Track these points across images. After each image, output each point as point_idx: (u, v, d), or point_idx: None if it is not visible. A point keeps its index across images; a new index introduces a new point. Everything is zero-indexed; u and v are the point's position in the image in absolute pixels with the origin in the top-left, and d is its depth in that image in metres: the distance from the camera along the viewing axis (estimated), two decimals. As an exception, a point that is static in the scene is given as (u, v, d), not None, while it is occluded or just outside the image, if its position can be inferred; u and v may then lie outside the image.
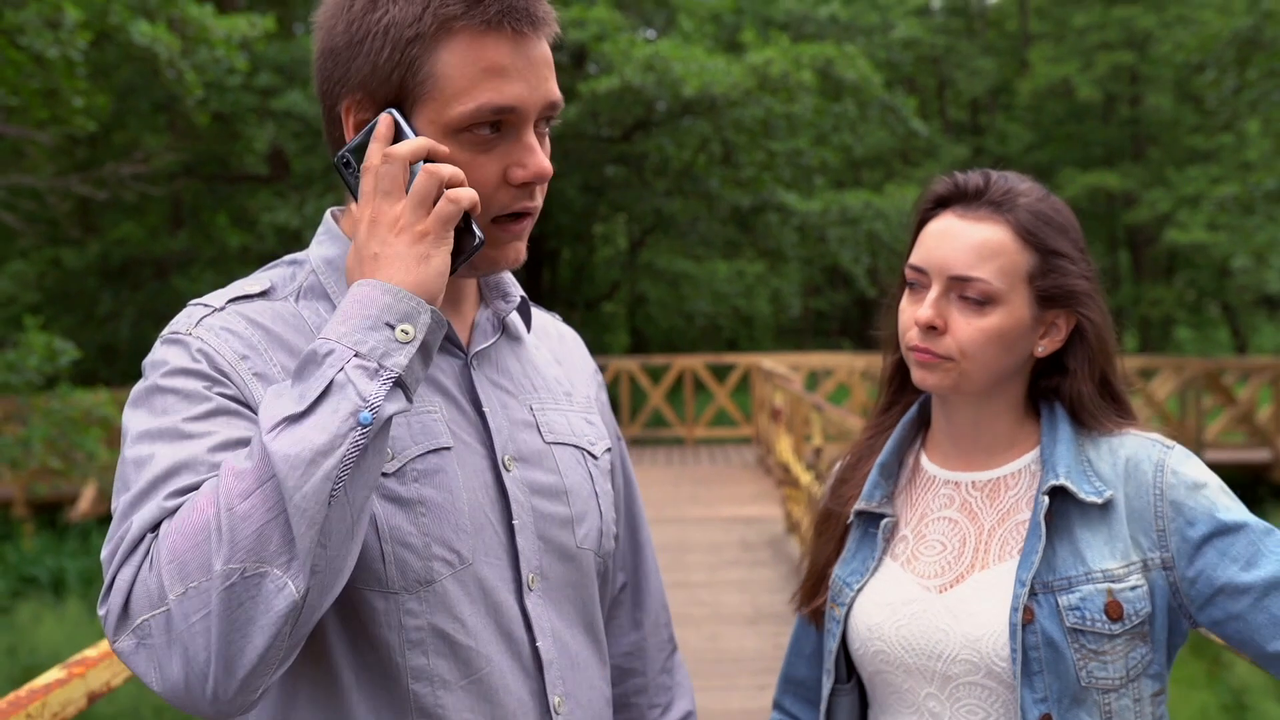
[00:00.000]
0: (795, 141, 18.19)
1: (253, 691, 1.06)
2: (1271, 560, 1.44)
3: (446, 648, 1.24)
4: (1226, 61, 15.42)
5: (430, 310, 1.14)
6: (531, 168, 1.24)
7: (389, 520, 1.21)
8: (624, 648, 1.59)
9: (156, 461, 1.12)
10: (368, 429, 1.07)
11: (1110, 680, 1.45)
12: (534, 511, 1.34)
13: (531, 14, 1.22)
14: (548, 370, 1.47)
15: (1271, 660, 1.44)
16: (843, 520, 1.64)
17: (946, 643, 1.49)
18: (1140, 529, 1.48)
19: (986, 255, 1.49)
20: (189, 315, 1.24)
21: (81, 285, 19.99)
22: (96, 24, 8.57)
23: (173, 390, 1.17)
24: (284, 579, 1.04)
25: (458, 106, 1.20)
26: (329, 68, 1.25)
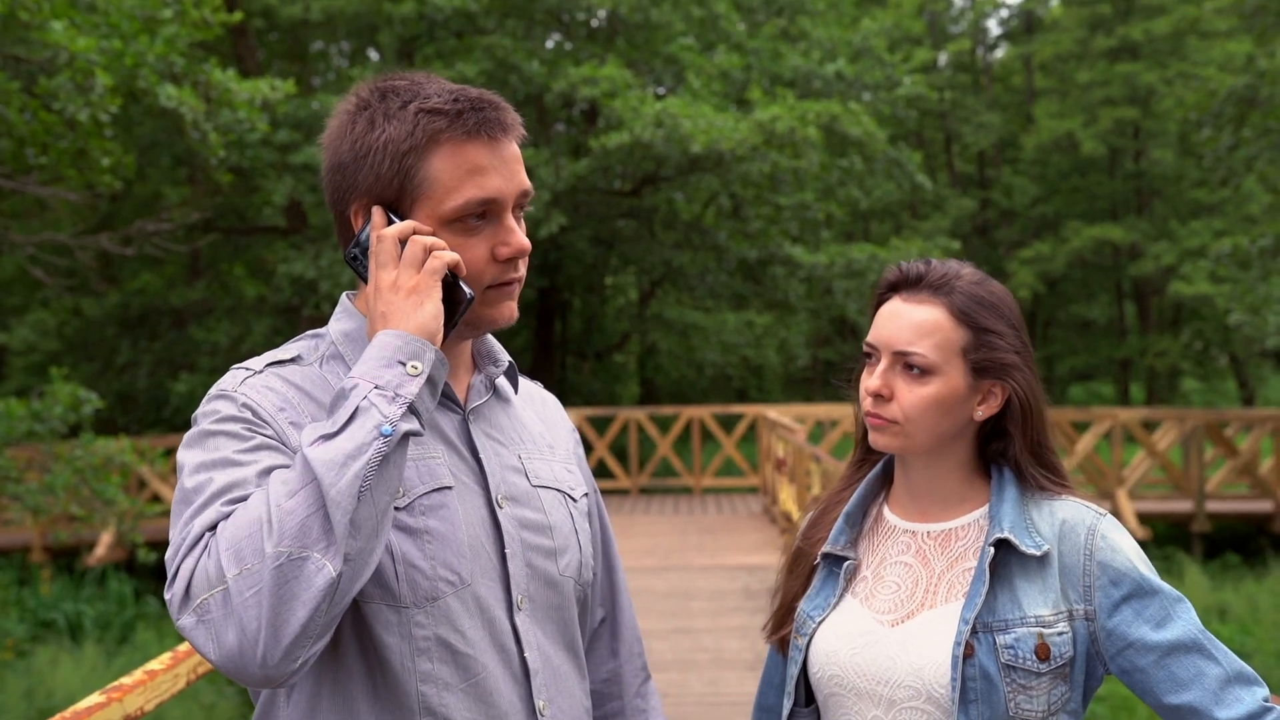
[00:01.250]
0: (802, 196, 18.42)
1: (294, 660, 1.27)
2: (1178, 626, 1.63)
3: (449, 655, 1.46)
4: (1223, 120, 15.64)
5: (434, 350, 1.40)
6: (514, 245, 1.51)
7: (400, 546, 1.44)
8: (603, 675, 1.81)
9: (214, 484, 1.36)
10: (389, 439, 1.32)
11: (1034, 713, 1.64)
12: (523, 543, 1.57)
13: (502, 122, 1.50)
14: (533, 427, 1.71)
15: (1167, 710, 1.63)
16: (811, 560, 1.83)
17: (893, 670, 1.67)
18: (1070, 583, 1.66)
19: (925, 332, 1.70)
20: (234, 376, 1.49)
21: (101, 334, 20.17)
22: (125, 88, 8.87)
23: (223, 432, 1.41)
24: (323, 561, 1.26)
25: (449, 202, 1.46)
26: (338, 180, 1.52)
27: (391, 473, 1.33)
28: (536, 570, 1.57)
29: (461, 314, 1.47)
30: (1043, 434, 1.77)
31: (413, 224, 1.46)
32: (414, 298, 1.41)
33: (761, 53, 19.71)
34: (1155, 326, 29.91)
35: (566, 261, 20.35)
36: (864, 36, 20.74)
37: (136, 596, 13.22)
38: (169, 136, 15.15)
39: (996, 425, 1.77)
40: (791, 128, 15.98)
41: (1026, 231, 31.08)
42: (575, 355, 23.57)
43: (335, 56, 22.24)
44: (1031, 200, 30.34)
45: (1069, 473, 1.81)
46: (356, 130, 1.49)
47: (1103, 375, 32.52)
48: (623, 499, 15.83)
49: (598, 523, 1.81)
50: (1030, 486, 1.74)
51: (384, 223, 1.47)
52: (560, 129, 21.06)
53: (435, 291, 1.42)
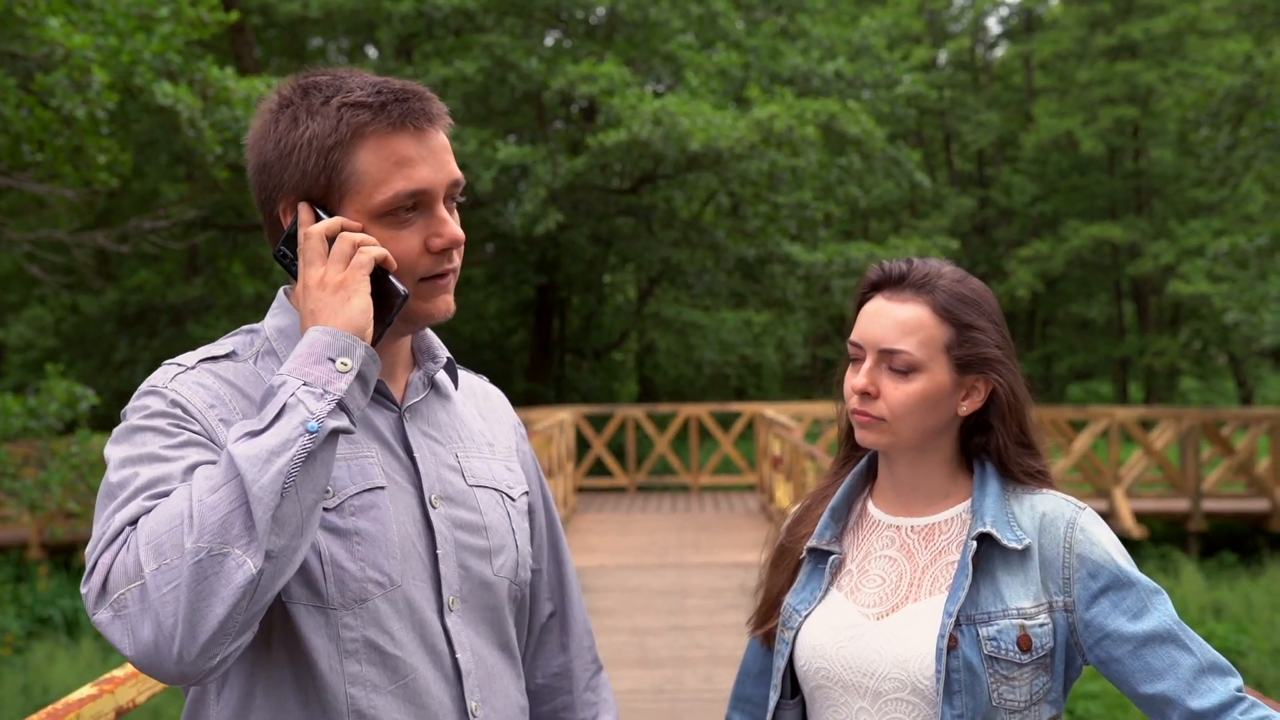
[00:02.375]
0: (800, 194, 18.44)
1: (211, 658, 1.26)
2: (1153, 617, 1.66)
3: (377, 657, 1.46)
4: (1222, 119, 15.65)
5: (364, 346, 1.39)
6: (446, 236, 1.49)
7: (329, 547, 1.43)
8: (553, 669, 1.81)
9: (139, 479, 1.34)
10: (314, 435, 1.31)
11: (1016, 703, 1.67)
12: (456, 543, 1.55)
13: (428, 112, 1.48)
14: (473, 424, 1.69)
15: (1142, 699, 1.66)
16: (796, 555, 1.86)
17: (879, 662, 1.70)
18: (1050, 575, 1.69)
19: (909, 330, 1.73)
20: (165, 372, 1.47)
21: (99, 331, 20.20)
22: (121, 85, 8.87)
23: (150, 428, 1.40)
24: (244, 557, 1.25)
25: (378, 195, 1.45)
26: (264, 179, 1.50)
27: (318, 470, 1.32)
28: (470, 571, 1.56)
29: (396, 311, 1.46)
30: (1025, 427, 1.79)
31: (340, 220, 1.45)
32: (341, 293, 1.41)
33: (760, 51, 19.72)
34: (1153, 326, 29.94)
35: (565, 259, 20.37)
36: (863, 35, 20.75)
37: (133, 593, 13.21)
38: (166, 134, 15.16)
39: (979, 420, 1.79)
40: (790, 126, 16.00)
41: (1025, 230, 31.11)
42: (573, 353, 23.59)
43: (334, 54, 22.25)
44: (1030, 199, 30.37)
45: (1052, 469, 1.84)
46: (280, 128, 1.48)
47: (1101, 374, 32.55)
48: (620, 497, 15.83)
49: (542, 517, 1.80)
50: (1012, 481, 1.77)
51: (311, 219, 1.46)
52: (558, 126, 21.08)
53: (363, 286, 1.41)
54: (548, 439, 11.16)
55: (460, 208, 1.56)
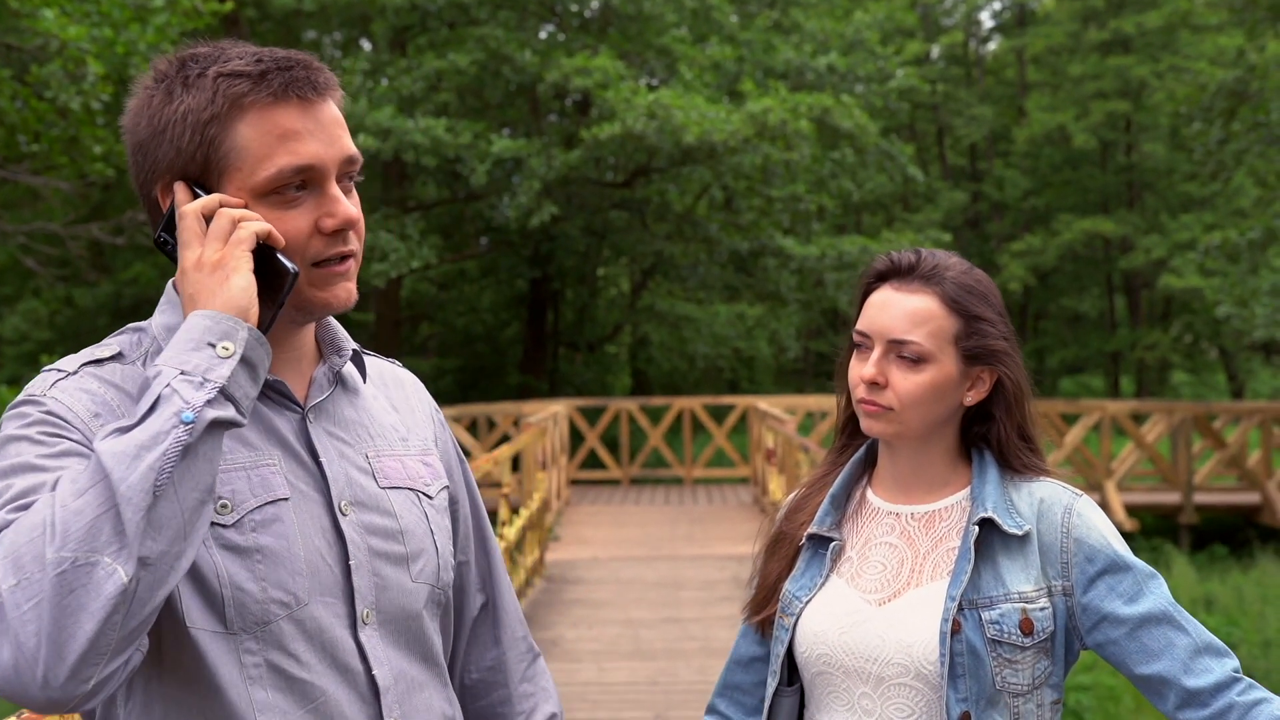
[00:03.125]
0: (793, 188, 18.47)
1: (84, 680, 1.13)
2: (1149, 599, 1.69)
3: (283, 681, 1.34)
4: (1214, 114, 15.69)
5: (248, 328, 1.26)
6: (339, 216, 1.36)
7: (228, 568, 1.31)
8: (487, 662, 1.70)
9: (11, 490, 1.22)
10: (190, 426, 1.18)
11: (1020, 686, 1.69)
12: (370, 551, 1.43)
13: (314, 82, 1.36)
14: (384, 418, 1.56)
15: (1139, 680, 1.69)
16: (795, 542, 1.86)
17: (882, 648, 1.72)
18: (1048, 560, 1.72)
19: (919, 321, 1.74)
20: (44, 379, 1.34)
21: (93, 324, 20.16)
22: (116, 76, 8.87)
23: (26, 437, 1.27)
24: (114, 565, 1.12)
25: (260, 172, 1.33)
26: (140, 161, 1.38)
27: (199, 466, 1.20)
28: (386, 580, 1.45)
29: (287, 292, 1.33)
30: (1026, 418, 1.82)
31: (219, 197, 1.33)
32: (219, 273, 1.29)
33: (754, 45, 19.73)
34: (1145, 319, 30.02)
35: (558, 252, 20.37)
36: (856, 29, 20.77)
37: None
38: (161, 126, 15.11)
39: (980, 409, 1.82)
40: (783, 120, 16.02)
41: (1018, 224, 31.16)
42: (567, 346, 23.61)
43: (328, 47, 22.22)
44: (1023, 193, 30.40)
45: (1048, 457, 1.86)
46: (154, 104, 1.36)
47: (1093, 368, 32.63)
48: (614, 489, 15.85)
49: (466, 507, 1.69)
50: (1011, 468, 1.79)
51: (188, 200, 1.34)
52: (553, 120, 21.07)
53: (244, 264, 1.29)
54: (541, 432, 11.18)
55: (454, 201, 1.46)
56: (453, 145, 16.14)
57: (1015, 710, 1.69)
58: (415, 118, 16.37)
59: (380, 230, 16.00)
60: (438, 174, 17.90)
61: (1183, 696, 1.64)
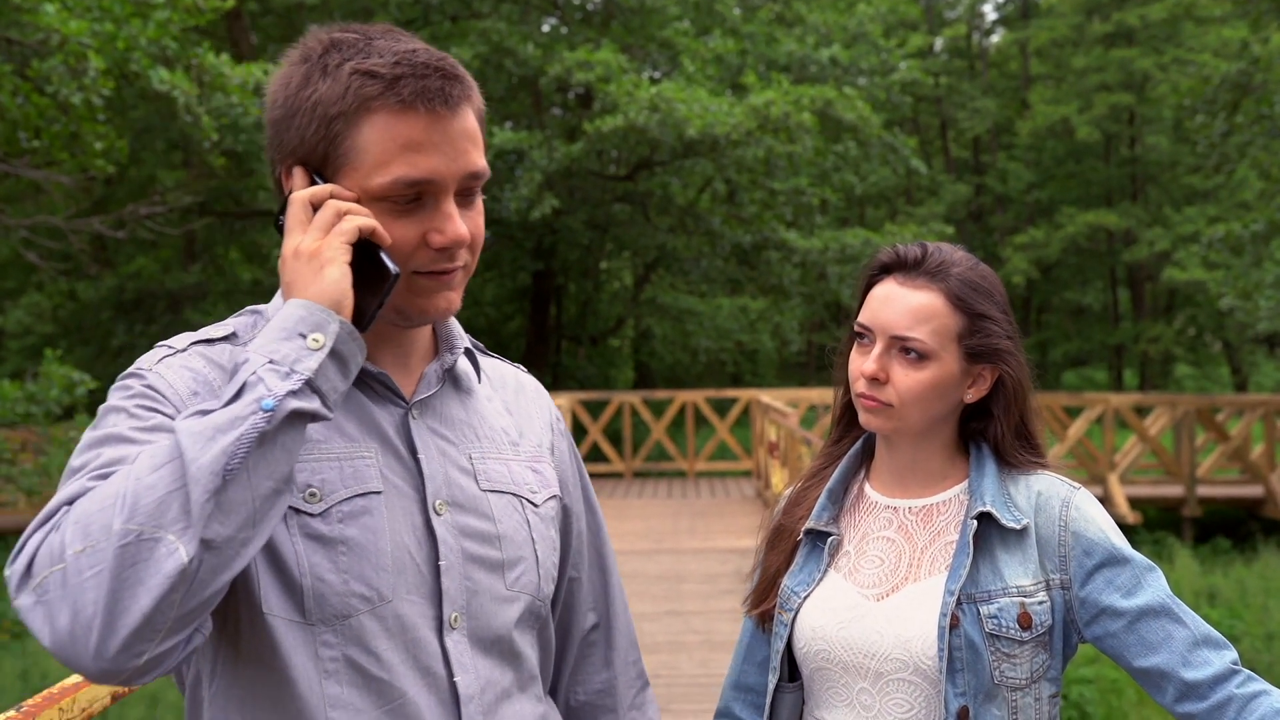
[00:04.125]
0: (796, 181, 18.44)
1: (136, 655, 1.11)
2: (1147, 593, 1.68)
3: (360, 678, 1.31)
4: (1217, 106, 15.66)
5: (340, 321, 1.23)
6: (449, 234, 1.33)
7: (309, 557, 1.29)
8: (595, 685, 1.66)
9: (99, 459, 1.22)
10: (269, 414, 1.16)
11: (1018, 680, 1.69)
12: (463, 554, 1.40)
13: (446, 93, 1.31)
14: (495, 420, 1.53)
15: (1138, 673, 1.69)
16: (793, 537, 1.86)
17: (881, 643, 1.71)
18: (1046, 554, 1.71)
19: (923, 318, 1.73)
20: (153, 354, 1.35)
21: (96, 318, 20.18)
22: (118, 71, 8.86)
23: (123, 409, 1.27)
24: (176, 544, 1.11)
25: (376, 178, 1.30)
26: (271, 138, 1.37)
27: (276, 455, 1.17)
28: (477, 585, 1.41)
29: (387, 292, 1.30)
30: (1027, 416, 1.81)
31: (330, 187, 1.31)
32: (315, 262, 1.26)
33: (756, 37, 19.70)
34: (1148, 312, 29.97)
35: (561, 246, 20.36)
36: (859, 21, 20.73)
37: (131, 579, 13.26)
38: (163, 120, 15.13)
39: (979, 405, 1.81)
40: (786, 113, 15.99)
41: (1021, 217, 31.11)
42: (570, 340, 23.60)
43: (330, 40, 22.20)
44: (1026, 186, 30.36)
45: (1050, 450, 1.86)
46: (292, 86, 1.34)
47: (1096, 361, 32.60)
48: (616, 482, 15.86)
49: (583, 521, 1.65)
50: (1009, 460, 1.78)
51: (304, 184, 1.33)
52: (555, 113, 21.05)
53: (341, 256, 1.26)
54: (544, 425, 11.15)
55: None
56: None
57: (1013, 704, 1.69)
58: (417, 111, 16.36)
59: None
60: (440, 167, 17.86)
61: (1181, 689, 1.64)
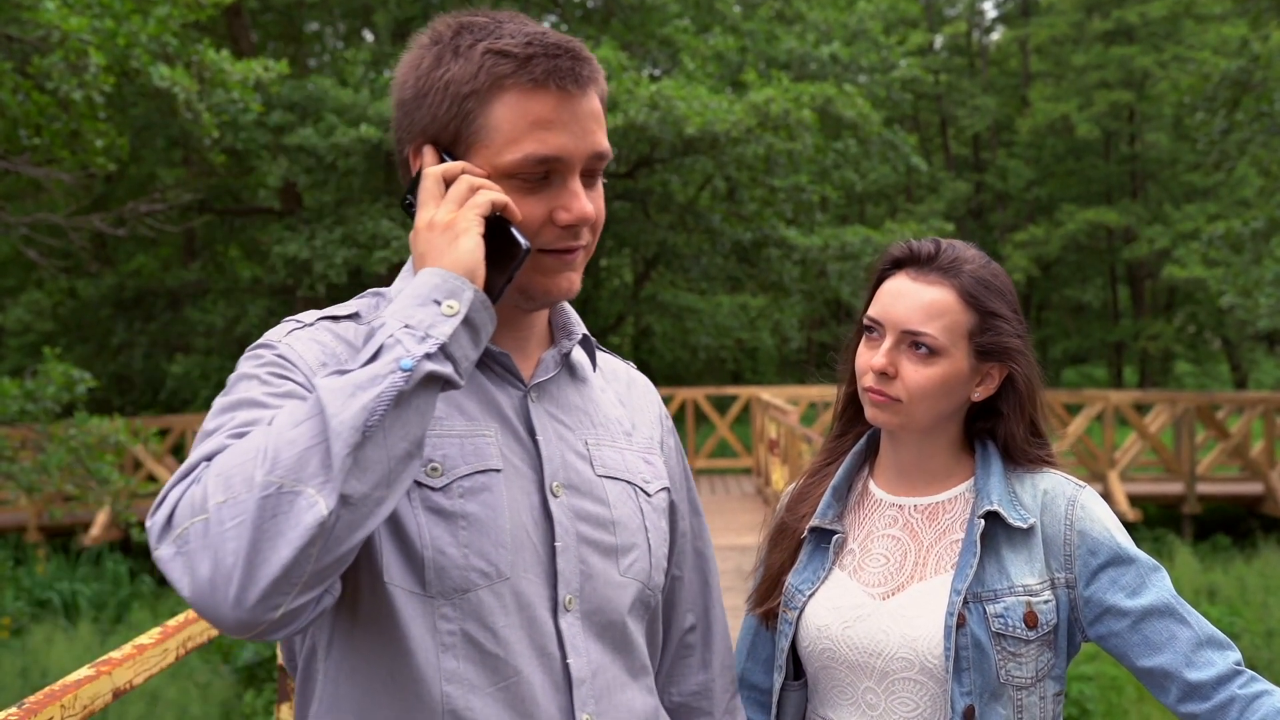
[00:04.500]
0: (796, 178, 18.43)
1: (273, 608, 1.13)
2: (1152, 593, 1.68)
3: (476, 654, 1.33)
4: (1217, 103, 15.64)
5: (474, 289, 1.26)
6: (575, 212, 1.36)
7: (430, 530, 1.32)
8: (691, 687, 1.65)
9: (234, 421, 1.25)
10: (408, 374, 1.18)
11: (1024, 679, 1.69)
12: (578, 537, 1.41)
13: (576, 73, 1.35)
14: (610, 410, 1.55)
15: (1141, 673, 1.69)
16: (798, 534, 1.85)
17: (887, 642, 1.71)
18: (1052, 552, 1.72)
19: (935, 314, 1.72)
20: (282, 327, 1.39)
21: (96, 315, 20.16)
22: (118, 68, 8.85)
23: (255, 376, 1.31)
24: (316, 497, 1.12)
25: (506, 155, 1.34)
26: (400, 118, 1.41)
27: (410, 416, 1.19)
28: (592, 569, 1.42)
29: (517, 266, 1.33)
30: (1036, 415, 1.80)
31: (463, 164, 1.35)
32: (449, 232, 1.29)
33: (757, 35, 19.69)
34: (1148, 310, 29.96)
35: (561, 243, 20.30)
36: (859, 19, 20.71)
37: (131, 576, 13.26)
38: (163, 118, 15.14)
39: (985, 403, 1.80)
40: (786, 110, 15.98)
41: (1021, 215, 31.10)
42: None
43: (330, 38, 22.19)
44: (1026, 183, 30.34)
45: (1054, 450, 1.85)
46: (423, 67, 1.38)
47: (1096, 358, 32.58)
48: (617, 480, 15.83)
49: (687, 520, 1.65)
50: (1016, 459, 1.78)
51: (435, 162, 1.37)
52: (555, 111, 20.99)
53: (475, 227, 1.29)
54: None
55: None
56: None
57: (1019, 703, 1.69)
58: (417, 109, 16.35)
59: (382, 219, 16.00)
60: (440, 164, 17.86)
61: (1185, 689, 1.64)
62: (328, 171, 16.15)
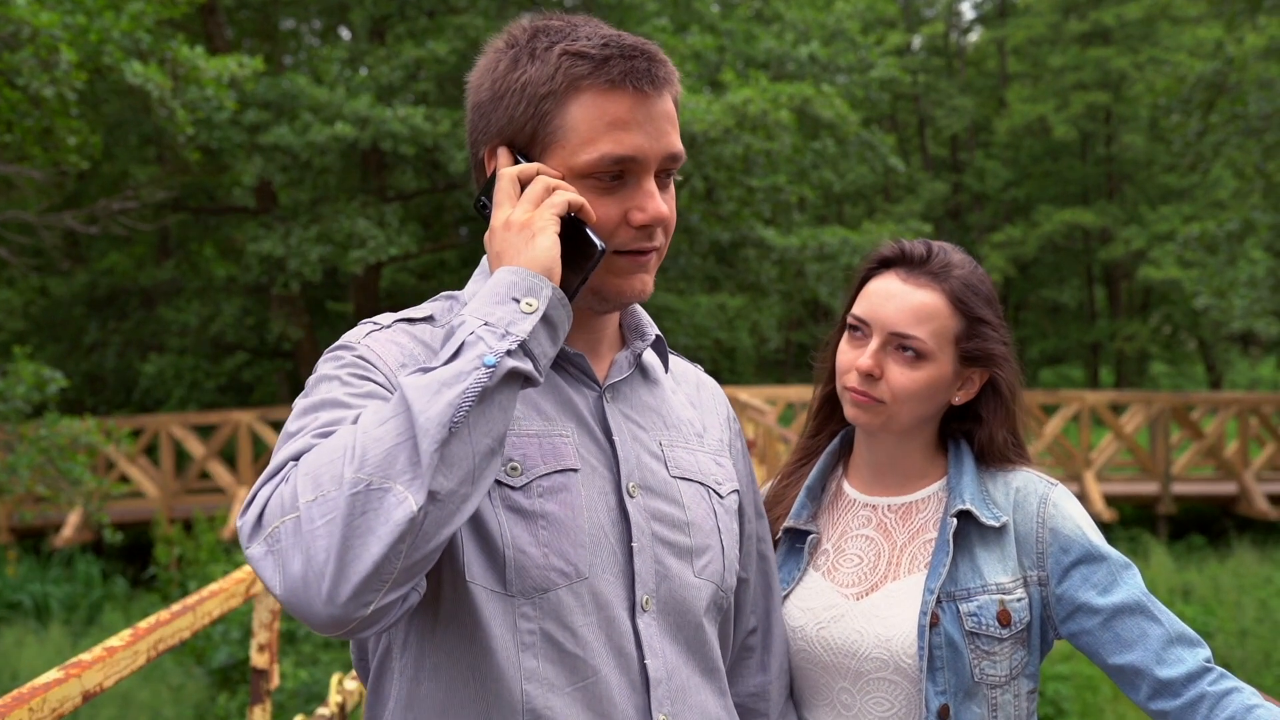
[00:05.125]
0: (774, 178, 18.44)
1: (364, 604, 1.13)
2: (1123, 590, 1.69)
3: (556, 653, 1.33)
4: (1193, 105, 15.75)
5: (552, 287, 1.27)
6: (650, 212, 1.37)
7: (511, 529, 1.33)
8: (751, 689, 1.67)
9: (317, 421, 1.26)
10: (492, 369, 1.19)
11: (997, 677, 1.69)
12: (654, 537, 1.42)
13: (653, 75, 1.38)
14: (681, 412, 1.56)
15: (1113, 670, 1.69)
16: (773, 535, 1.84)
17: (861, 643, 1.72)
18: (1024, 550, 1.72)
19: (924, 318, 1.72)
20: (360, 330, 1.40)
21: (68, 314, 20.00)
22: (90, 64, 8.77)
23: (336, 377, 1.32)
24: (405, 494, 1.13)
25: (583, 155, 1.35)
26: (475, 120, 1.42)
27: (494, 413, 1.19)
28: (668, 569, 1.42)
29: (593, 266, 1.34)
30: (1016, 421, 1.80)
31: (538, 165, 1.36)
32: (526, 231, 1.30)
33: (735, 34, 19.69)
34: (1124, 310, 30.13)
35: (539, 243, 20.26)
36: (837, 19, 20.75)
37: (104, 578, 13.15)
38: (136, 115, 15.02)
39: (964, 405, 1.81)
40: (764, 110, 15.99)
41: (998, 215, 31.23)
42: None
43: (306, 35, 22.07)
44: (1003, 184, 30.46)
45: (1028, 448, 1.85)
46: (499, 70, 1.39)
47: (1072, 359, 32.75)
48: (594, 480, 15.78)
49: (753, 523, 1.66)
50: (991, 461, 1.78)
51: (509, 163, 1.38)
52: (533, 110, 20.94)
53: (551, 227, 1.30)
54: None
55: (433, 190, 1.44)
56: (432, 134, 16.04)
57: (993, 701, 1.70)
58: (394, 106, 16.27)
59: (359, 218, 15.92)
60: (416, 163, 17.80)
61: (1155, 686, 1.64)
62: (303, 170, 16.05)
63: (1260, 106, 14.27)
